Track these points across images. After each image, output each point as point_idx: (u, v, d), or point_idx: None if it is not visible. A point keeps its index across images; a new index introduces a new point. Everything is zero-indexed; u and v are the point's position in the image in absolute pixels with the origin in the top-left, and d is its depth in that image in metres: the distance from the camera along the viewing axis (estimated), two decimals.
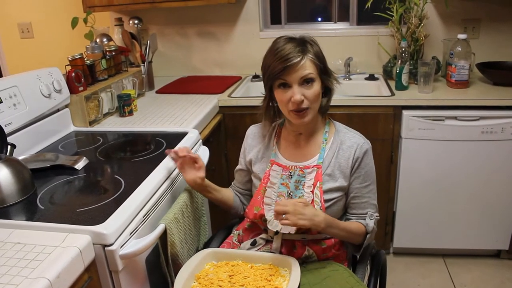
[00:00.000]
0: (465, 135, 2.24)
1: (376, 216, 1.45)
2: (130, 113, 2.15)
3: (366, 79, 2.73)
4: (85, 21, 2.57)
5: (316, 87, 1.33)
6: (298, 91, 1.30)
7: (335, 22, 2.94)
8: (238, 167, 1.63)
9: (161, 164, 1.54)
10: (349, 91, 2.64)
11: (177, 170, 1.58)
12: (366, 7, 2.51)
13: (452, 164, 2.31)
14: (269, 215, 1.41)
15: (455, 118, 2.22)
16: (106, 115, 2.15)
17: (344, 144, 1.41)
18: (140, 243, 1.20)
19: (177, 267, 1.39)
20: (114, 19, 2.72)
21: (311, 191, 1.38)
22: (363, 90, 2.62)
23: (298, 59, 1.29)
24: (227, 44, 2.94)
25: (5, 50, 3.27)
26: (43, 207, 1.30)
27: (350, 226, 1.40)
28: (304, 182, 1.40)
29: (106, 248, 1.15)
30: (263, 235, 1.46)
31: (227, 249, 1.47)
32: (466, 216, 2.40)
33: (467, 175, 2.32)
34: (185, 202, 1.47)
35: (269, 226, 1.42)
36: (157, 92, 2.63)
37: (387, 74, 2.64)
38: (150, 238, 1.24)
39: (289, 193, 1.41)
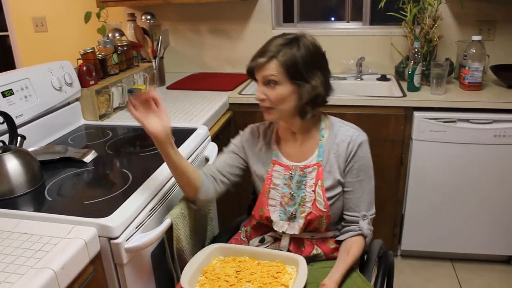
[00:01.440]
0: (477, 138, 2.21)
1: (371, 215, 1.43)
2: None
3: (378, 79, 2.71)
4: (98, 15, 2.58)
5: (281, 90, 1.30)
6: (260, 89, 1.34)
7: (348, 22, 2.92)
8: (228, 152, 1.53)
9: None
10: (360, 91, 2.62)
11: None
12: (379, 7, 2.49)
13: (463, 167, 2.28)
14: (275, 216, 1.41)
15: (468, 120, 2.20)
16: (116, 109, 2.16)
17: (338, 138, 1.40)
18: (146, 237, 1.20)
19: (183, 262, 1.39)
20: (127, 14, 2.73)
21: (312, 191, 1.38)
22: (375, 91, 2.60)
23: (264, 60, 1.29)
24: (239, 42, 2.93)
25: (19, 44, 3.30)
26: (50, 199, 1.31)
27: (352, 253, 1.36)
28: (305, 182, 1.39)
29: (111, 241, 1.15)
30: (271, 233, 1.46)
31: (235, 245, 1.47)
32: (476, 220, 2.37)
33: (478, 179, 2.29)
34: None
35: (275, 227, 1.42)
36: (168, 88, 2.64)
37: (399, 75, 2.62)
38: (156, 232, 1.24)
39: (292, 194, 1.41)
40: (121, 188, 1.35)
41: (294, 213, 1.40)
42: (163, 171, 1.46)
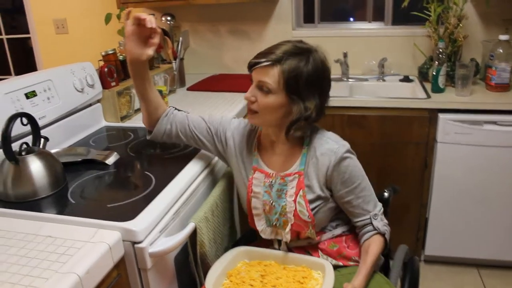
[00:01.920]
0: (504, 140, 2.15)
1: (380, 211, 1.36)
2: None
3: (401, 80, 2.66)
4: (119, 17, 2.58)
5: (272, 99, 1.23)
6: (251, 90, 1.27)
7: (369, 22, 2.88)
8: (206, 126, 1.48)
9: (192, 161, 1.52)
10: (382, 93, 2.58)
11: (209, 168, 1.56)
12: (402, 6, 2.44)
13: (490, 170, 2.22)
14: (260, 225, 1.40)
15: (495, 123, 2.14)
16: (137, 111, 2.14)
17: (317, 151, 1.31)
18: (170, 242, 1.18)
19: (206, 266, 1.37)
20: None
21: (293, 200, 1.32)
22: (397, 92, 2.55)
23: (267, 63, 1.21)
24: (259, 43, 2.90)
25: (40, 46, 3.33)
26: (74, 201, 1.30)
27: (372, 251, 1.31)
28: (286, 191, 1.34)
29: (135, 246, 1.13)
30: (271, 247, 1.44)
31: (261, 249, 1.43)
32: (503, 225, 2.31)
33: (505, 183, 2.22)
34: (215, 201, 1.45)
35: (262, 235, 1.41)
36: (188, 89, 2.62)
37: (423, 76, 2.57)
38: (180, 236, 1.22)
39: (272, 203, 1.36)
40: (144, 191, 1.33)
41: (275, 223, 1.36)
42: (187, 173, 1.44)
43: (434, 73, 2.30)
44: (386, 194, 1.59)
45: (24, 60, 3.63)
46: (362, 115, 2.28)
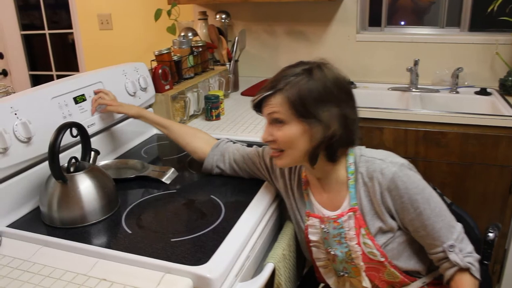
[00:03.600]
0: None
1: (458, 238, 1.09)
2: (218, 117, 1.92)
3: (476, 93, 2.37)
4: (169, 13, 2.39)
5: (287, 130, 1.08)
6: (266, 129, 1.13)
7: (442, 27, 2.60)
8: (255, 160, 1.33)
9: (265, 184, 1.29)
10: (456, 107, 2.30)
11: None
12: (490, 9, 2.16)
13: None
14: (329, 277, 1.24)
15: None
16: (191, 117, 1.94)
17: (365, 177, 1.11)
18: None
19: None
20: (198, 13, 2.52)
21: (356, 244, 1.10)
22: (474, 106, 2.27)
23: (269, 92, 1.09)
24: (319, 46, 2.66)
25: (83, 41, 3.17)
26: (130, 231, 1.08)
27: None
28: (344, 234, 1.12)
29: None
30: None
31: None
32: None
33: None
34: (292, 234, 1.22)
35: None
36: (242, 94, 2.40)
37: (505, 89, 2.28)
38: (260, 282, 1.00)
39: (334, 253, 1.16)
40: (214, 223, 1.10)
41: (343, 273, 1.19)
42: (260, 200, 1.22)
43: None
44: (491, 234, 1.32)
45: (64, 56, 3.48)
46: (440, 131, 2.02)
